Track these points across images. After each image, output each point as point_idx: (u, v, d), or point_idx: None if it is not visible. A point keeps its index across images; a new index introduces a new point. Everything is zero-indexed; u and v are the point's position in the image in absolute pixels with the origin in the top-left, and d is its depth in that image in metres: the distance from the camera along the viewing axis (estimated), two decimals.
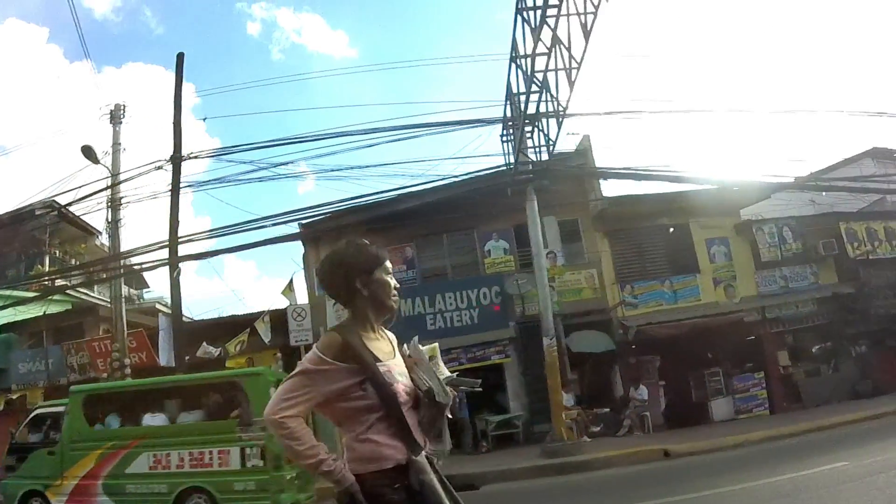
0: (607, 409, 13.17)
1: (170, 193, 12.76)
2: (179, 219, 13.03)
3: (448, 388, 1.92)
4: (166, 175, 13.63)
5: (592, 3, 7.42)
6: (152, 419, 7.13)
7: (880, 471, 6.11)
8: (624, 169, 12.11)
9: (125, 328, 13.04)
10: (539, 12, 7.99)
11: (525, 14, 8.57)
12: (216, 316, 17.61)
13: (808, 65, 50.95)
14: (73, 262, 18.62)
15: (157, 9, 64.37)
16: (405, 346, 2.01)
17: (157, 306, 18.16)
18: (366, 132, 12.87)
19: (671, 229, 14.89)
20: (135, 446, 6.92)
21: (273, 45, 73.68)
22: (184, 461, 6.70)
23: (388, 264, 1.98)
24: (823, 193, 17.58)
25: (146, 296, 24.26)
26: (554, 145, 10.69)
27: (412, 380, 1.92)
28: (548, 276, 12.55)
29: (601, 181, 14.26)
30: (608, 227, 14.46)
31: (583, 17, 7.80)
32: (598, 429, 12.69)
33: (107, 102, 16.07)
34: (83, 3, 57.09)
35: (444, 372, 2.00)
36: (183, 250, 12.93)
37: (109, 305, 13.95)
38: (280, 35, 74.83)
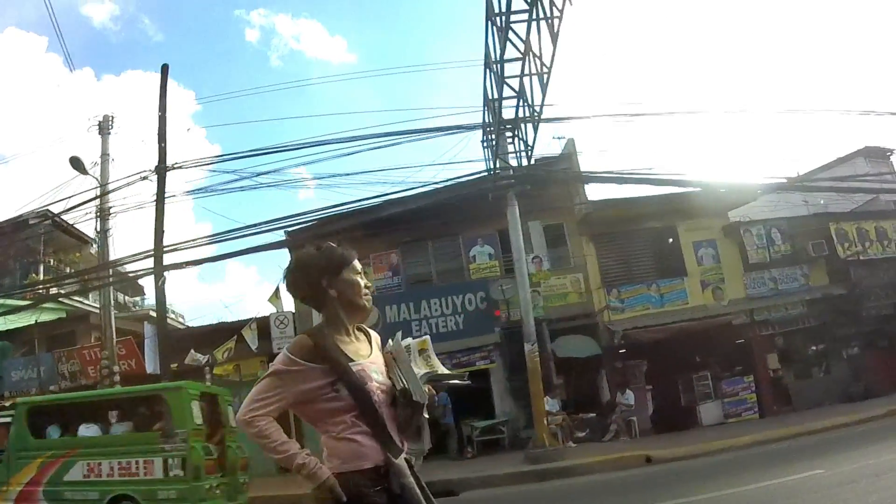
0: (593, 415, 13.11)
1: (155, 203, 12.87)
2: (167, 228, 13.15)
3: (425, 387, 1.88)
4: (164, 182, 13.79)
5: (557, 8, 7.44)
6: (86, 430, 7.52)
7: (854, 479, 5.98)
8: (606, 172, 12.07)
9: (114, 336, 13.17)
10: (505, 17, 8.01)
11: (494, 19, 8.60)
12: (214, 322, 17.72)
13: (798, 63, 50.64)
14: (67, 270, 18.82)
15: (156, 17, 65.04)
16: (389, 341, 1.98)
17: (151, 313, 18.28)
18: (349, 139, 12.94)
19: (670, 239, 14.77)
20: (71, 455, 7.34)
21: (272, 52, 74.16)
22: (114, 470, 7.13)
23: (357, 264, 1.96)
24: (821, 201, 17.39)
25: (145, 303, 24.45)
26: (531, 150, 10.69)
27: (390, 378, 1.90)
28: (533, 281, 12.58)
29: (586, 185, 14.22)
30: (594, 231, 14.41)
31: (550, 21, 7.83)
32: (584, 434, 12.63)
33: (95, 113, 16.22)
34: (81, 12, 57.76)
35: (436, 365, 1.97)
36: (175, 258, 13.09)
37: (99, 313, 14.09)
38: (279, 41, 75.31)
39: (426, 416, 1.92)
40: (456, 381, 2.08)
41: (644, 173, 12.46)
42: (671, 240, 14.79)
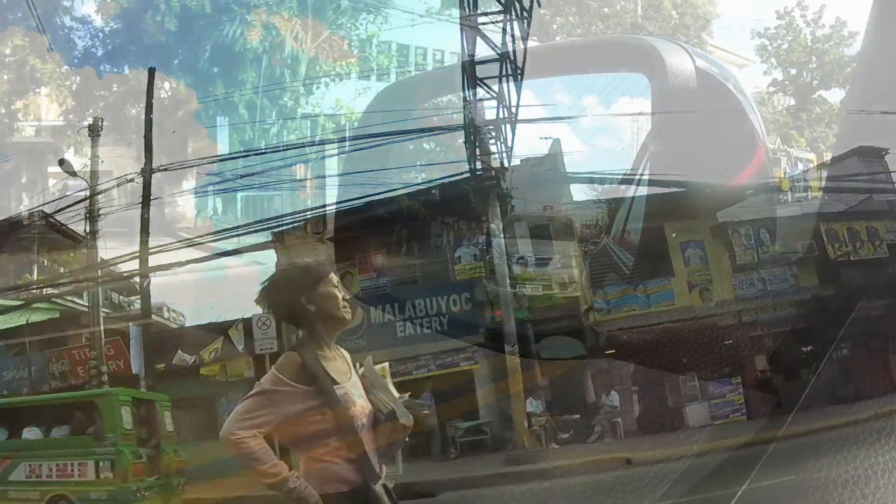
0: (577, 416, 13.07)
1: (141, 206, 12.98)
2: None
3: (407, 411, 1.90)
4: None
5: (525, 9, 7.44)
6: (29, 433, 7.88)
7: (824, 486, 5.95)
8: (589, 173, 12.05)
9: (102, 336, 13.25)
10: (475, 19, 8.02)
11: (467, 21, 8.61)
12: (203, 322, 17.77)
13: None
14: (61, 270, 18.97)
15: (156, 17, 65.27)
16: (359, 365, 1.99)
17: None
18: (338, 141, 13.04)
19: (659, 240, 14.62)
20: (16, 457, 7.74)
21: (272, 52, 74.23)
22: (52, 471, 7.53)
23: (334, 276, 1.96)
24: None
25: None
26: (511, 151, 10.71)
27: (370, 401, 1.90)
28: (518, 282, 12.58)
29: (572, 185, 14.21)
30: (581, 232, 14.36)
31: (521, 22, 7.83)
32: (568, 435, 12.58)
33: (94, 113, 16.41)
34: (81, 11, 58.16)
35: (394, 393, 1.99)
36: (170, 258, 13.19)
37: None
38: (279, 41, 75.43)
39: (406, 440, 1.93)
40: (414, 410, 2.08)
41: (629, 174, 12.49)
42: (658, 240, 14.68)
